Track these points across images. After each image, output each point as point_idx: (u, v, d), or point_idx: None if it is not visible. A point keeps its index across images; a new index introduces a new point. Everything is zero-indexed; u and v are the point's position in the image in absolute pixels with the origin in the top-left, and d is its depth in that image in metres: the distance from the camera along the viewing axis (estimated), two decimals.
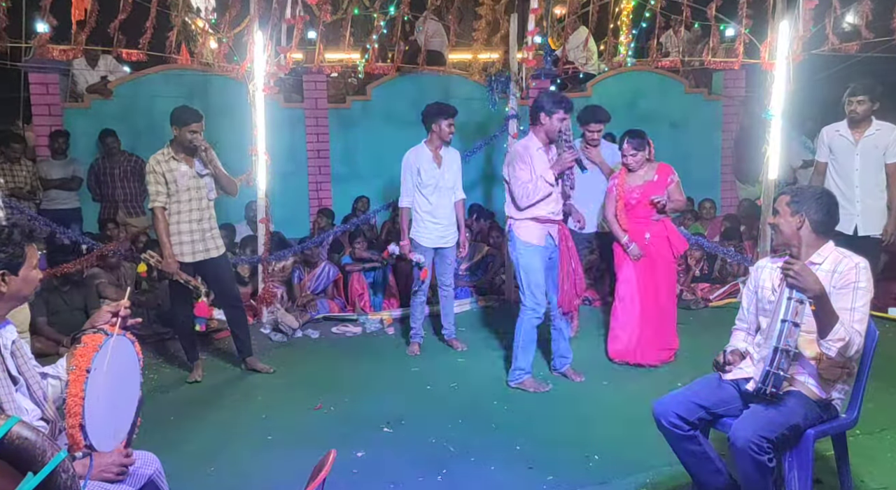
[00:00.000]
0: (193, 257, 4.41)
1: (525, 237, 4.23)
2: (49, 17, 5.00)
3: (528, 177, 4.13)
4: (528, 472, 3.26)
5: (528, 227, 4.23)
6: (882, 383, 3.84)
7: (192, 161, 4.41)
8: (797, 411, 2.52)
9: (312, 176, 7.70)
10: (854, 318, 2.46)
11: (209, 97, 7.31)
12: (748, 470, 2.43)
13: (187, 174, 4.37)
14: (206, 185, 4.44)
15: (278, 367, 4.78)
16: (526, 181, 4.12)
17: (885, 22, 5.75)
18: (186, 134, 4.29)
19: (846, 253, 2.60)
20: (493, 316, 6.07)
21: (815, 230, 2.62)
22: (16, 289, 2.03)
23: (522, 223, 4.24)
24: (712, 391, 2.72)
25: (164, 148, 4.40)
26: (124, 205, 6.83)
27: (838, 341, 2.40)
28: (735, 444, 2.44)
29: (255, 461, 3.43)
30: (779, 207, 2.70)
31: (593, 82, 8.40)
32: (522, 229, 4.23)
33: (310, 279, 6.14)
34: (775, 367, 2.40)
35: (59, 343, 5.00)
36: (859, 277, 2.51)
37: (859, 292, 2.49)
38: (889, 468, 3.22)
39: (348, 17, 6.69)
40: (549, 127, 4.14)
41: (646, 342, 4.66)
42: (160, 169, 4.34)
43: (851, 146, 4.74)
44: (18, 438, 1.35)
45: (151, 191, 4.35)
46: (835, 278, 2.53)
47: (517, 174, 4.15)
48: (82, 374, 1.92)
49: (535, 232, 4.22)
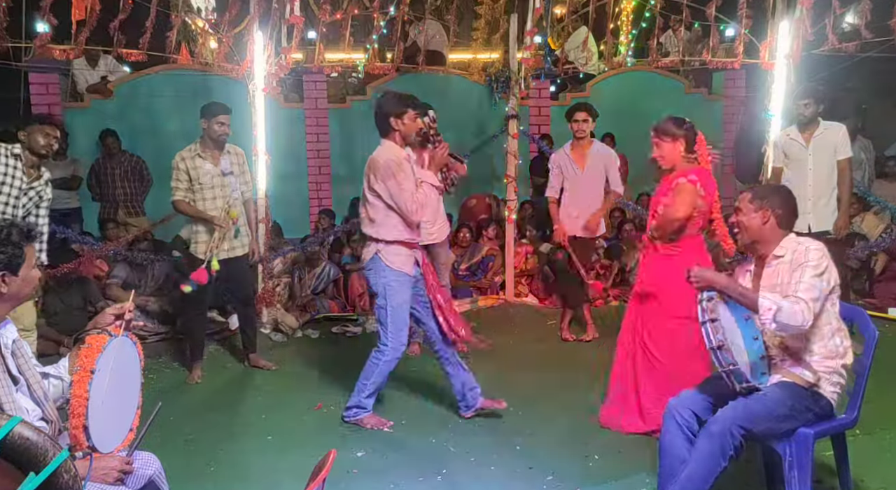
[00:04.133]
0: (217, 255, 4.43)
1: (397, 265, 3.63)
2: (49, 17, 5.00)
3: (412, 185, 3.60)
4: (528, 472, 3.26)
5: (399, 252, 3.64)
6: (882, 383, 3.82)
7: (218, 159, 4.44)
8: (782, 401, 2.52)
9: (312, 176, 7.70)
10: (798, 289, 2.49)
11: (209, 97, 7.28)
12: (710, 452, 2.45)
13: (211, 172, 4.40)
14: (230, 183, 4.46)
15: (278, 367, 4.77)
16: (412, 190, 3.57)
17: (884, 22, 5.75)
18: (215, 126, 4.35)
19: (803, 241, 2.64)
20: (494, 316, 6.07)
21: (780, 224, 2.66)
22: (16, 289, 2.02)
23: (391, 248, 3.64)
24: (722, 388, 2.71)
25: (192, 143, 4.45)
26: (124, 205, 6.84)
27: (767, 312, 2.44)
28: (711, 426, 2.47)
29: (255, 461, 3.43)
30: (740, 206, 2.71)
31: (593, 82, 8.40)
32: (392, 255, 3.64)
33: (310, 278, 6.14)
34: (725, 366, 2.48)
35: (59, 343, 4.99)
36: (808, 257, 2.54)
37: (807, 269, 2.52)
38: (889, 468, 3.22)
39: (348, 16, 6.69)
40: (405, 129, 3.66)
41: None
42: (183, 165, 4.37)
43: (803, 148, 4.86)
44: (20, 438, 1.35)
45: (172, 185, 4.42)
46: (791, 266, 2.58)
47: (401, 186, 3.53)
48: (87, 375, 1.93)
49: (405, 258, 3.66)
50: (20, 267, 2.01)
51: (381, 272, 3.64)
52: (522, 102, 6.25)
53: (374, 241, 3.67)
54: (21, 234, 2.02)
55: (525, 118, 7.40)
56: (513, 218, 6.37)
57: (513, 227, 6.40)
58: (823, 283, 2.52)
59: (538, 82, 7.72)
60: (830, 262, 2.58)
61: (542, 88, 8.14)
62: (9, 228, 2.01)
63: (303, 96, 7.69)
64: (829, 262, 2.56)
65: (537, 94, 8.08)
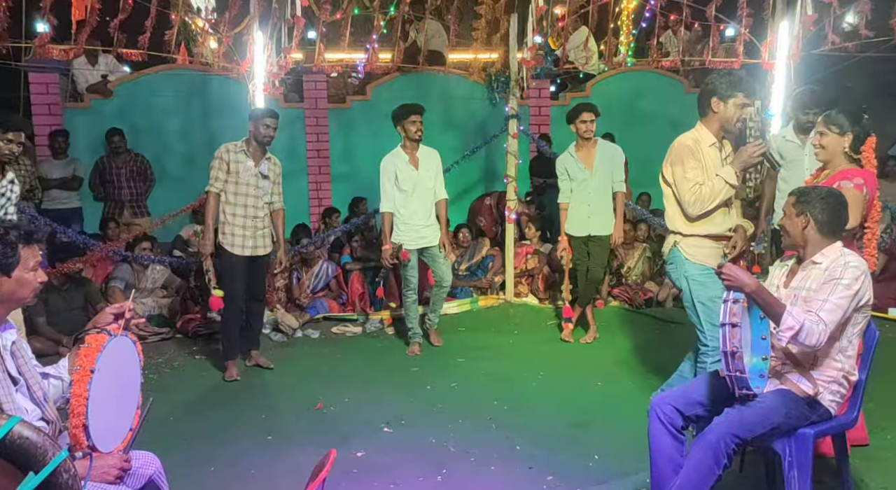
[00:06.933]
0: (243, 251, 4.52)
1: (697, 258, 3.36)
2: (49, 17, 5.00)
3: (701, 177, 3.31)
4: (528, 472, 3.26)
5: (701, 245, 3.37)
6: (882, 383, 3.84)
7: (260, 160, 4.55)
8: (778, 410, 2.50)
9: (312, 176, 7.71)
10: (823, 307, 2.45)
11: (209, 97, 7.32)
12: (702, 461, 2.43)
13: (251, 170, 4.51)
14: (264, 186, 4.58)
15: (278, 367, 4.78)
16: (699, 182, 3.29)
17: (884, 21, 5.75)
18: (261, 128, 4.48)
19: (847, 254, 2.58)
20: (493, 316, 6.07)
21: (821, 231, 2.60)
22: (9, 290, 1.99)
23: (692, 240, 3.37)
24: (711, 387, 2.71)
25: (238, 140, 4.56)
26: (130, 205, 6.85)
27: (787, 330, 2.40)
28: (706, 435, 2.45)
29: (255, 461, 3.43)
30: (786, 209, 2.69)
31: (593, 82, 8.40)
32: (693, 248, 3.38)
33: (308, 278, 6.14)
34: (732, 371, 2.44)
35: (58, 343, 4.99)
36: (844, 274, 2.49)
37: (838, 287, 2.47)
38: (889, 468, 3.22)
39: (348, 17, 6.69)
40: (724, 115, 3.33)
41: None
42: (227, 157, 4.49)
43: (799, 148, 4.85)
44: (20, 438, 1.35)
45: (211, 176, 4.51)
46: (825, 275, 2.53)
47: (686, 175, 3.29)
48: (87, 375, 1.93)
49: (709, 252, 3.37)
50: (13, 268, 1.99)
51: (678, 264, 3.40)
52: (522, 102, 6.23)
53: (673, 231, 3.43)
54: (20, 235, 2.00)
55: (525, 118, 7.41)
56: (513, 218, 6.37)
57: (513, 227, 6.40)
58: (852, 304, 2.48)
59: (538, 82, 7.71)
60: (867, 281, 2.52)
61: (542, 88, 8.15)
62: (8, 229, 2.00)
63: (303, 96, 7.70)
64: (864, 282, 2.50)
65: (537, 94, 8.09)
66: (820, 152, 3.29)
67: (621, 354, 5.01)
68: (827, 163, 3.32)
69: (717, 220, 3.35)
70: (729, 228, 3.39)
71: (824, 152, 3.28)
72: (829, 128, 3.23)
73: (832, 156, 3.26)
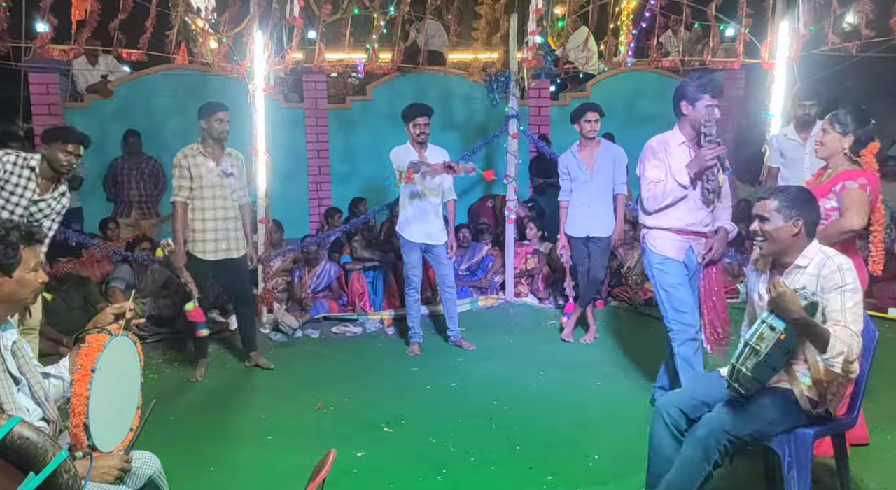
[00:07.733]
0: (215, 255, 4.46)
1: (658, 248, 3.64)
2: (49, 17, 5.00)
3: (659, 176, 3.54)
4: (528, 472, 3.27)
5: (663, 237, 3.63)
6: (882, 383, 3.84)
7: (220, 159, 4.45)
8: (773, 407, 2.49)
9: (312, 176, 7.71)
10: (848, 319, 2.40)
11: (209, 97, 7.26)
12: (692, 458, 2.43)
13: (213, 171, 4.41)
14: (230, 184, 4.48)
15: (278, 367, 4.78)
16: (655, 181, 3.54)
17: (884, 21, 5.75)
18: (215, 123, 4.37)
19: (828, 252, 2.53)
20: (493, 316, 6.07)
21: (809, 233, 2.55)
22: (10, 291, 2.00)
23: (655, 232, 3.66)
24: (714, 387, 2.70)
25: (192, 144, 4.45)
26: (139, 206, 6.87)
27: (839, 356, 2.33)
28: (696, 431, 2.44)
29: (255, 461, 3.43)
30: (765, 214, 2.54)
31: (593, 82, 8.40)
32: (655, 239, 3.66)
33: (310, 278, 6.14)
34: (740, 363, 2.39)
35: (59, 343, 4.99)
36: (845, 279, 2.45)
37: (847, 293, 2.44)
38: (889, 468, 3.22)
39: (348, 16, 6.69)
40: (693, 116, 3.46)
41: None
42: (186, 163, 4.38)
43: (800, 147, 4.85)
44: (20, 438, 1.35)
45: (175, 185, 4.40)
46: (820, 282, 2.48)
47: (646, 173, 3.57)
48: (87, 374, 1.93)
49: (671, 244, 3.61)
50: (14, 268, 1.99)
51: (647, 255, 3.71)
52: (522, 102, 6.24)
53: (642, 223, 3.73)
54: (21, 235, 2.00)
55: (525, 118, 7.41)
56: (513, 218, 6.37)
57: (513, 227, 6.40)
58: (861, 305, 2.46)
59: (538, 82, 7.71)
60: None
61: (542, 88, 8.15)
62: (9, 229, 2.00)
63: (303, 96, 7.70)
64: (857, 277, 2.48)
65: (537, 94, 8.09)
66: (819, 149, 3.31)
67: (621, 355, 5.00)
68: (827, 162, 3.32)
69: (677, 214, 3.57)
70: (692, 224, 3.58)
71: (823, 149, 3.28)
72: (833, 126, 3.23)
73: (831, 154, 3.27)
